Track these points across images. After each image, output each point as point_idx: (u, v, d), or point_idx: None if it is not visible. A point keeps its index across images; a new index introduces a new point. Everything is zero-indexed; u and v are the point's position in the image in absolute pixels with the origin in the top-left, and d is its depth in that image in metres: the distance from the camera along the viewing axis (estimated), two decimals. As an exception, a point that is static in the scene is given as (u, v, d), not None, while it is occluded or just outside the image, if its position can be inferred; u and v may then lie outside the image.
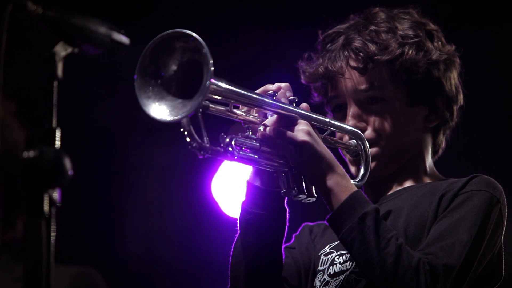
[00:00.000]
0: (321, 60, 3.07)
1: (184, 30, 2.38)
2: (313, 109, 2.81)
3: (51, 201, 1.92)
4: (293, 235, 3.10)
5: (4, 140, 2.66)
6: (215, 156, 2.49)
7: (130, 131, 5.63)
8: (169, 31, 2.40)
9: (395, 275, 2.57)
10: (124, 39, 2.11)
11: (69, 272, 3.24)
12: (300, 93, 2.84)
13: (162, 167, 5.84)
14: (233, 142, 2.51)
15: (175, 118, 2.37)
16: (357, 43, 3.01)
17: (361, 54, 2.99)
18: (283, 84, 2.73)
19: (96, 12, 2.13)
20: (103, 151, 5.68)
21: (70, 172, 1.93)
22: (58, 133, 1.96)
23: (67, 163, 1.93)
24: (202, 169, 5.65)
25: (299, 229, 3.14)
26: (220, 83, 2.46)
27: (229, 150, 2.50)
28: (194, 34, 2.37)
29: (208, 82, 2.35)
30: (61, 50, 2.01)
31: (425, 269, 2.59)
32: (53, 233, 1.92)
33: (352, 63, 3.01)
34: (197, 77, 2.37)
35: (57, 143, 1.96)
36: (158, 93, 2.41)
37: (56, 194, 1.92)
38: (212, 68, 2.34)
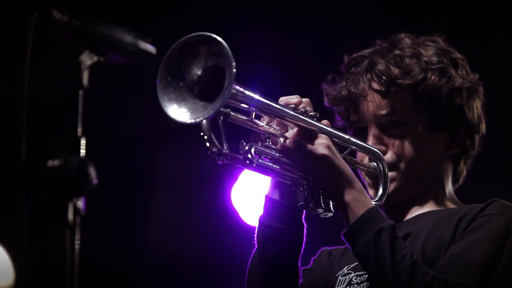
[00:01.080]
0: (344, 83, 3.09)
1: (209, 34, 2.39)
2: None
3: (76, 210, 1.91)
4: (312, 259, 3.10)
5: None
6: (233, 163, 2.49)
7: (153, 139, 5.64)
8: (193, 34, 2.41)
9: None
10: (151, 48, 2.10)
11: None
12: (322, 114, 2.84)
13: (183, 175, 5.84)
14: (252, 150, 2.51)
15: (195, 120, 2.38)
16: (381, 67, 3.02)
17: (383, 77, 3.00)
18: (304, 99, 2.74)
19: (122, 21, 2.12)
20: (126, 159, 5.69)
21: (95, 181, 1.93)
22: (83, 142, 1.96)
23: (92, 171, 1.93)
24: (222, 177, 5.64)
25: (318, 253, 3.14)
26: (242, 89, 2.47)
27: (248, 157, 2.50)
28: (218, 38, 2.37)
29: (230, 84, 2.35)
30: (87, 59, 2.01)
31: (439, 286, 2.59)
32: (77, 242, 1.92)
33: (375, 86, 3.02)
34: (219, 81, 2.38)
35: (82, 152, 1.96)
36: (180, 95, 2.42)
37: (80, 203, 1.92)
38: (234, 70, 2.35)
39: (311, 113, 2.70)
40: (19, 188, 1.97)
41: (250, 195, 5.41)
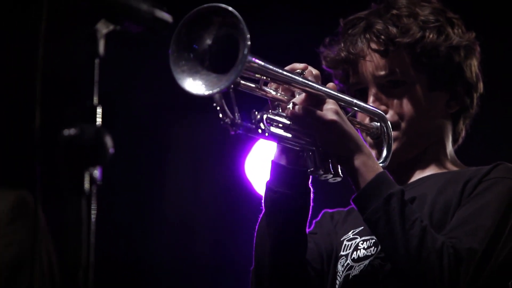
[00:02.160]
0: (342, 45, 3.07)
1: (221, 5, 2.38)
2: None
3: (92, 180, 1.91)
4: (314, 221, 3.10)
5: None
6: (246, 133, 2.49)
7: (168, 109, 5.64)
8: (205, 5, 2.40)
9: (419, 257, 2.59)
10: (167, 17, 2.09)
11: (9, 196, 3.24)
12: (323, 80, 2.84)
13: (197, 145, 5.85)
14: (264, 119, 2.52)
15: (210, 92, 2.37)
16: (379, 26, 3.01)
17: (382, 36, 3.00)
18: (311, 67, 2.74)
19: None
20: (141, 128, 5.70)
21: (111, 150, 1.92)
22: (99, 111, 1.95)
23: (108, 141, 1.92)
24: (236, 148, 5.65)
25: (320, 216, 3.14)
26: (254, 59, 2.47)
27: (261, 126, 2.50)
28: (231, 9, 2.36)
29: (246, 55, 2.34)
30: (103, 28, 2.00)
31: (448, 252, 2.60)
32: (93, 212, 1.91)
33: (374, 46, 3.02)
34: (231, 52, 2.37)
35: (98, 121, 1.95)
36: (193, 67, 2.41)
37: (97, 172, 1.91)
38: (249, 43, 2.34)
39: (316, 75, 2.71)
40: (34, 158, 1.97)
41: (263, 166, 5.42)
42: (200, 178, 5.96)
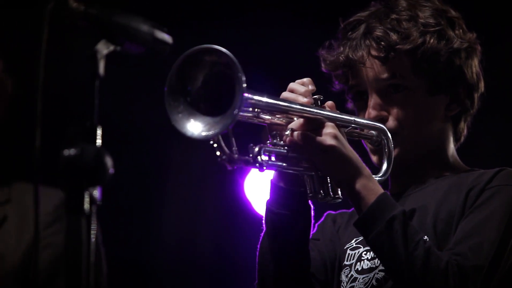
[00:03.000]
0: (342, 49, 3.05)
1: (213, 46, 2.37)
2: (334, 96, 2.81)
3: (92, 200, 1.91)
4: (316, 224, 3.08)
5: None
6: (244, 166, 2.51)
7: (168, 130, 5.63)
8: (197, 47, 2.39)
9: (424, 279, 2.58)
10: (167, 38, 2.10)
11: (58, 194, 3.24)
12: (321, 81, 2.82)
13: (197, 166, 5.85)
14: (261, 151, 2.51)
15: (208, 134, 2.39)
16: (379, 32, 2.99)
17: (382, 43, 2.97)
18: (305, 80, 2.73)
19: (138, 11, 2.12)
20: (141, 149, 5.70)
21: (111, 171, 1.93)
22: (99, 131, 1.96)
23: (108, 161, 1.92)
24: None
25: (322, 218, 3.13)
26: (250, 95, 2.46)
27: (258, 160, 2.50)
28: (225, 50, 2.36)
29: (241, 99, 2.34)
30: (103, 48, 2.00)
31: (453, 271, 2.60)
32: (93, 232, 1.92)
33: (374, 52, 2.99)
34: (227, 90, 2.37)
35: (98, 141, 1.95)
36: (188, 109, 2.41)
37: (96, 192, 1.92)
38: (245, 85, 2.34)
39: (315, 96, 2.70)
40: (34, 178, 1.97)
41: (263, 186, 5.42)
42: (200, 199, 5.96)
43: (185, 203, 5.93)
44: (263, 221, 2.80)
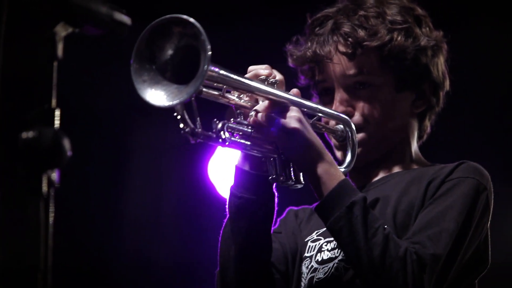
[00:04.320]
0: (309, 44, 3.06)
1: (183, 16, 2.38)
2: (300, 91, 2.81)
3: (50, 182, 1.91)
4: (278, 219, 3.10)
5: None
6: (207, 141, 2.51)
7: (129, 112, 5.62)
8: (167, 16, 2.40)
9: (382, 265, 2.59)
10: (126, 19, 2.09)
11: None
12: (288, 76, 2.84)
13: (159, 148, 5.84)
14: (225, 128, 2.52)
15: (171, 103, 2.38)
16: (346, 28, 3.00)
17: (350, 39, 2.99)
18: (274, 71, 2.74)
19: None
20: (101, 132, 5.67)
21: (69, 153, 1.92)
22: (57, 114, 1.95)
23: (66, 143, 1.92)
24: (199, 151, 5.65)
25: (284, 213, 3.14)
26: (217, 69, 2.48)
27: (221, 136, 2.51)
28: (192, 20, 2.36)
29: (205, 67, 2.35)
30: (62, 30, 1.99)
31: (412, 259, 2.61)
32: (51, 214, 1.91)
33: (341, 48, 3.01)
34: (193, 62, 2.37)
35: (57, 124, 1.95)
36: (154, 77, 2.42)
37: (55, 175, 1.91)
38: (210, 53, 2.34)
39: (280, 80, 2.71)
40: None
41: (227, 169, 5.43)
42: (163, 182, 5.95)
43: (147, 187, 5.92)
44: (226, 206, 2.80)
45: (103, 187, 5.75)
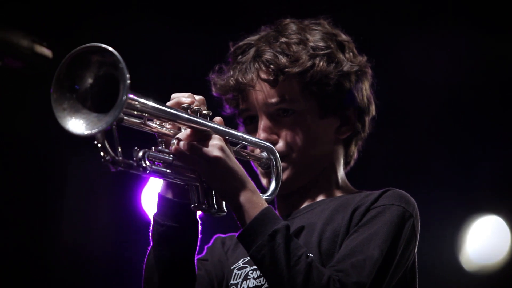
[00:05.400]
0: (231, 72, 3.06)
1: (101, 45, 2.37)
2: (225, 120, 2.79)
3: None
4: (205, 247, 3.09)
5: None
6: (128, 170, 2.48)
7: (59, 141, 5.59)
8: (86, 44, 2.39)
9: None
10: (47, 52, 2.10)
11: None
12: (214, 105, 2.85)
13: (90, 177, 5.80)
14: (146, 156, 2.50)
15: (90, 132, 2.37)
16: (268, 55, 3.00)
17: (271, 66, 2.99)
18: (197, 97, 2.71)
19: (18, 25, 2.13)
20: (31, 161, 5.63)
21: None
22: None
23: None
24: (133, 180, 5.64)
25: (211, 241, 3.13)
26: (136, 97, 2.46)
27: (142, 164, 2.49)
28: (110, 49, 2.36)
29: (124, 97, 2.34)
30: (-17, 63, 2.00)
31: (335, 287, 2.58)
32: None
33: (263, 76, 3.00)
34: (113, 91, 2.37)
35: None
36: (74, 106, 2.40)
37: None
38: (129, 82, 2.34)
39: (204, 111, 2.67)
40: None
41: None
42: (96, 210, 5.91)
43: (80, 216, 5.87)
44: (150, 235, 2.78)
45: (31, 218, 5.69)
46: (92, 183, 5.84)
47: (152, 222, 2.77)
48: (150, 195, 5.60)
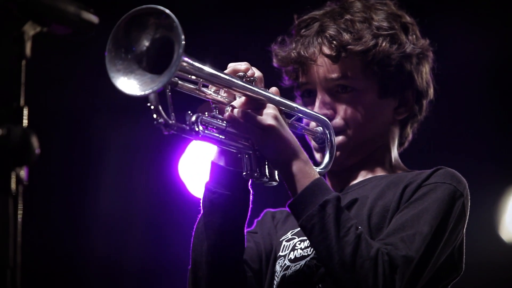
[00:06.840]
0: (294, 45, 3.07)
1: (158, 7, 2.38)
2: (282, 92, 2.81)
3: (18, 180, 1.92)
4: (255, 221, 3.11)
5: None
6: (180, 133, 2.49)
7: (98, 110, 5.61)
8: (143, 6, 2.40)
9: (353, 265, 2.59)
10: (94, 18, 2.10)
11: None
12: (271, 76, 2.84)
13: (129, 147, 5.83)
14: (199, 121, 2.51)
15: (144, 92, 2.38)
16: (332, 31, 3.01)
17: (334, 42, 2.99)
18: (257, 73, 2.73)
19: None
20: (71, 130, 5.66)
21: (37, 151, 1.93)
22: (25, 112, 1.96)
23: (35, 141, 1.93)
24: (169, 149, 5.65)
25: (261, 215, 3.14)
26: (190, 61, 2.47)
27: (194, 128, 2.50)
28: (167, 11, 2.37)
29: (178, 58, 2.35)
30: (30, 30, 2.00)
31: (383, 260, 2.60)
32: (20, 212, 1.92)
33: (325, 51, 3.01)
34: (168, 54, 2.38)
35: (25, 122, 1.96)
36: (128, 66, 2.42)
37: (23, 173, 1.92)
38: (184, 43, 2.35)
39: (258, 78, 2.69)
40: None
41: (197, 167, 5.42)
42: (134, 179, 5.95)
43: (118, 185, 5.91)
44: (201, 202, 2.79)
45: (72, 185, 5.73)
46: (128, 152, 5.86)
47: (204, 190, 2.79)
48: (188, 165, 5.61)
